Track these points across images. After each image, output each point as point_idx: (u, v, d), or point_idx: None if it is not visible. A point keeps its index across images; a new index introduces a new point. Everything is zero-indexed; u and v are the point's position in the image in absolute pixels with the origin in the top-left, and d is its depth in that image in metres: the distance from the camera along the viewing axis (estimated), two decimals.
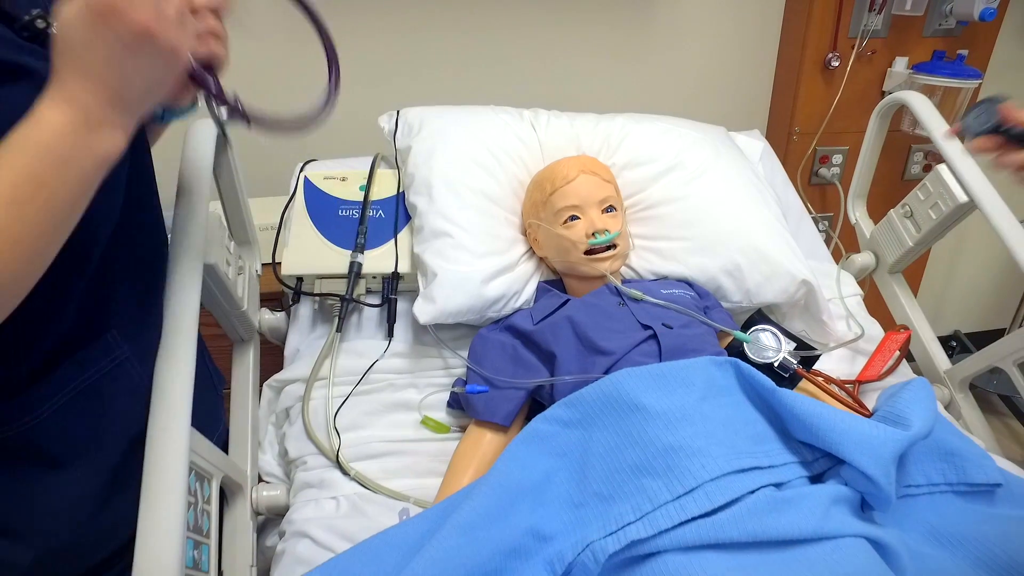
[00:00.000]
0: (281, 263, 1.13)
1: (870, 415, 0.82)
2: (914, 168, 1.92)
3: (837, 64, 1.71)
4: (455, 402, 1.02)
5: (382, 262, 1.13)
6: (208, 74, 0.58)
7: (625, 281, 1.13)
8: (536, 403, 0.98)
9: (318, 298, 1.11)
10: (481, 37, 1.65)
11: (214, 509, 0.74)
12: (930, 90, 1.69)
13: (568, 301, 1.04)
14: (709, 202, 1.16)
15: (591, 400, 0.77)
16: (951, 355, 1.36)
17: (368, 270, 1.11)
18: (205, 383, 0.87)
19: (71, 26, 0.47)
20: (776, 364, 0.93)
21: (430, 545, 0.65)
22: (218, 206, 1.01)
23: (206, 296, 0.84)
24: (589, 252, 1.04)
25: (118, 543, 0.70)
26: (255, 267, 1.11)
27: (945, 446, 0.77)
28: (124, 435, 0.69)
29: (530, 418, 0.81)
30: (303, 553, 0.83)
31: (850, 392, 1.03)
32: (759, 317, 1.01)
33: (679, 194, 1.17)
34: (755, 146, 1.44)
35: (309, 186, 1.21)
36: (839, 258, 1.36)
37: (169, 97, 0.61)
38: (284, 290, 1.13)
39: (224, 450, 0.84)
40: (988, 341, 1.10)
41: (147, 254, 0.74)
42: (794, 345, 0.95)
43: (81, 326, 0.64)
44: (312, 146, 1.42)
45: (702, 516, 0.65)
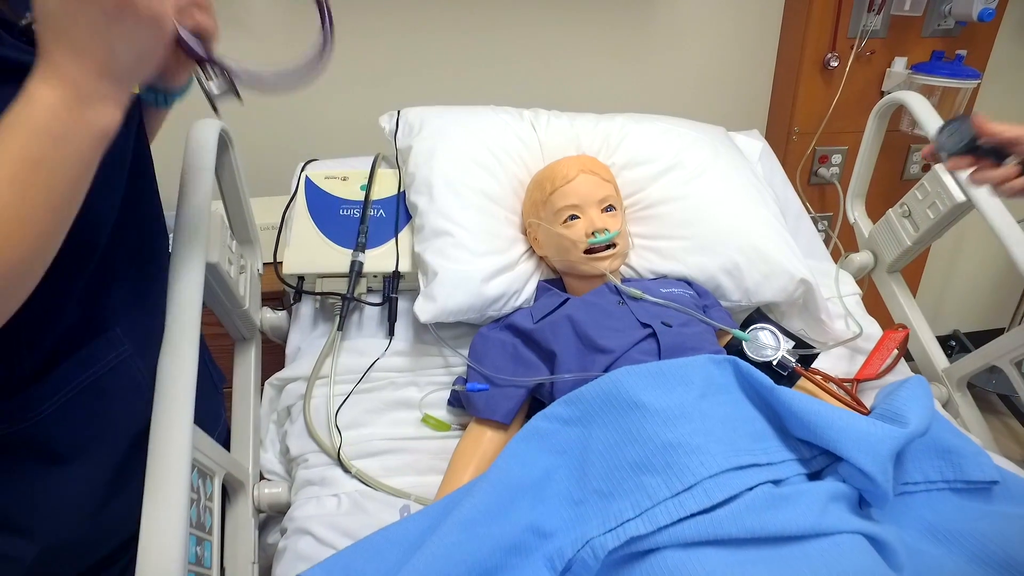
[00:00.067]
0: (282, 262, 1.13)
1: (868, 413, 0.83)
2: (913, 168, 1.93)
3: (836, 64, 1.71)
4: (456, 400, 1.02)
5: (383, 261, 1.13)
6: (198, 44, 0.58)
7: (624, 280, 1.13)
8: (536, 401, 0.98)
9: (319, 297, 1.11)
10: (481, 37, 1.66)
11: (216, 506, 0.75)
12: (929, 90, 1.69)
13: (568, 300, 1.05)
14: (708, 201, 1.16)
15: (591, 398, 0.77)
16: (950, 355, 1.37)
17: (369, 269, 1.12)
18: (205, 381, 0.87)
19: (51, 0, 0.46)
20: (775, 362, 0.94)
21: (431, 541, 0.66)
22: (220, 205, 1.02)
23: (208, 295, 0.85)
24: (589, 251, 1.05)
25: (121, 539, 0.71)
26: (257, 266, 1.12)
27: (942, 443, 0.77)
28: (126, 432, 0.69)
29: (530, 416, 0.82)
30: (304, 550, 0.83)
31: (848, 390, 1.04)
32: (758, 316, 1.01)
33: (678, 193, 1.17)
34: (754, 146, 1.45)
35: (310, 186, 1.21)
36: (838, 257, 1.37)
37: (164, 75, 0.61)
38: (285, 289, 1.14)
39: (225, 448, 0.85)
40: (987, 341, 1.10)
41: (148, 251, 0.75)
42: (792, 344, 0.96)
43: (83, 323, 0.64)
44: (313, 146, 1.43)
45: (701, 513, 0.65)
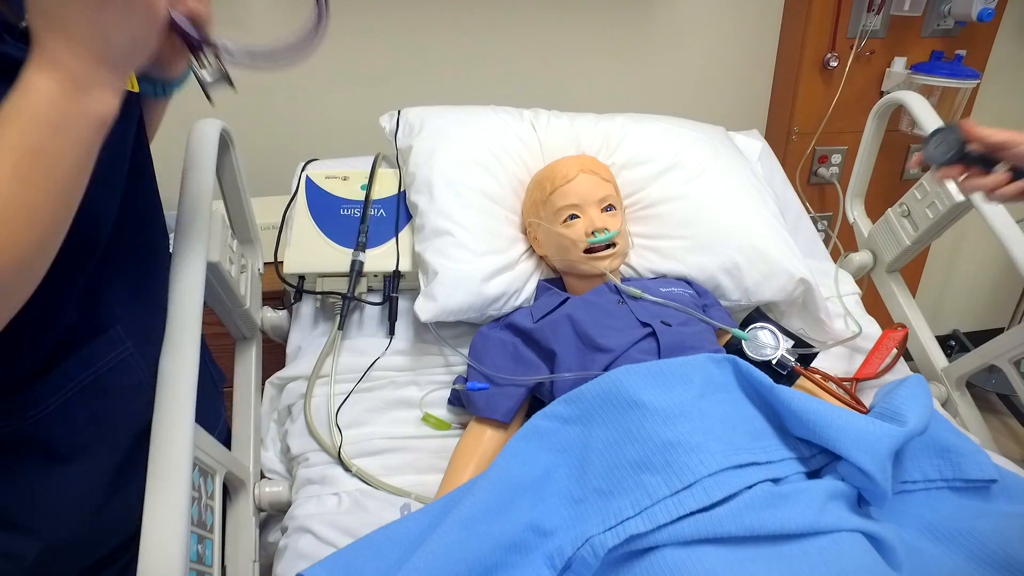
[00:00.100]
0: (283, 261, 1.13)
1: (867, 412, 0.83)
2: (912, 168, 1.93)
3: (836, 64, 1.71)
4: (456, 399, 1.03)
5: (383, 261, 1.13)
6: (192, 30, 0.58)
7: (624, 279, 1.14)
8: (536, 400, 0.98)
9: (320, 296, 1.11)
10: (481, 37, 1.66)
11: (217, 504, 0.75)
12: (928, 90, 1.69)
13: (568, 299, 1.05)
14: (708, 201, 1.17)
15: (590, 397, 0.77)
16: (950, 355, 1.37)
17: (369, 268, 1.12)
18: (206, 380, 0.88)
19: None
20: (774, 361, 0.94)
21: (431, 540, 0.66)
22: (221, 205, 1.02)
23: (209, 294, 0.85)
24: (589, 251, 1.05)
25: (123, 537, 0.71)
26: (257, 265, 1.12)
27: (941, 442, 0.77)
28: (127, 430, 0.69)
29: (530, 415, 0.82)
30: (305, 548, 0.84)
31: (847, 389, 1.04)
32: (757, 315, 1.01)
33: (678, 193, 1.17)
34: (754, 146, 1.45)
35: (311, 185, 1.21)
36: (837, 257, 1.37)
37: (160, 64, 0.62)
38: (286, 288, 1.14)
39: (225, 446, 0.85)
40: (986, 340, 1.10)
41: (148, 249, 0.75)
42: (792, 343, 0.96)
43: (83, 322, 0.64)
44: (314, 146, 1.43)
45: (700, 511, 0.65)
